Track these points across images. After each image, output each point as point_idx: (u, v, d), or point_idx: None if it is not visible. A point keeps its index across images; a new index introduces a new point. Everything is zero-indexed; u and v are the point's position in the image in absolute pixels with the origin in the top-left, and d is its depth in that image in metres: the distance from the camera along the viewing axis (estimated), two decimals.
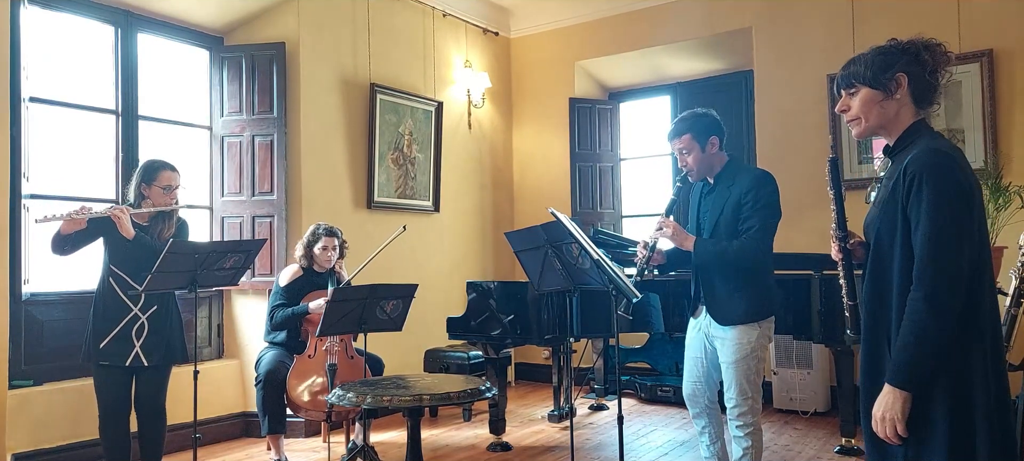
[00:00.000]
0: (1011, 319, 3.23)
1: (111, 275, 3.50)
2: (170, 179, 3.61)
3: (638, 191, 6.96)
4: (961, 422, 1.70)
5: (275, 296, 4.36)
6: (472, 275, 6.42)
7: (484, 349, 4.54)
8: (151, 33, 4.91)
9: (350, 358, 4.25)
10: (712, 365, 3.14)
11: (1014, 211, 4.23)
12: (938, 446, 1.71)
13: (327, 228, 4.39)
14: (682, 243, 3.03)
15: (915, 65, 1.85)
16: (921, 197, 1.72)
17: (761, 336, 3.00)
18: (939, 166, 1.73)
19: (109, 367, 3.48)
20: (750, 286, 2.97)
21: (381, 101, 5.69)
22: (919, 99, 1.87)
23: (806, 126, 5.59)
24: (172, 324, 3.63)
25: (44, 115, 4.37)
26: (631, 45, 6.48)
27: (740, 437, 3.04)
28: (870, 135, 1.94)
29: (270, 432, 4.15)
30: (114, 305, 3.48)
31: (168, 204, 3.60)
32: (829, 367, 5.18)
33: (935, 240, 1.69)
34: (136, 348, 3.48)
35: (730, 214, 2.97)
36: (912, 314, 1.71)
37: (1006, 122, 4.92)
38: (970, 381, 1.71)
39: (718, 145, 3.06)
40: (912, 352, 1.71)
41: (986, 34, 4.90)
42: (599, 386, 5.82)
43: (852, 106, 1.92)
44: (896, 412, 1.72)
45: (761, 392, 3.07)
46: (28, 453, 3.96)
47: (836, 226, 2.07)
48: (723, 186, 3.04)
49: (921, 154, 1.76)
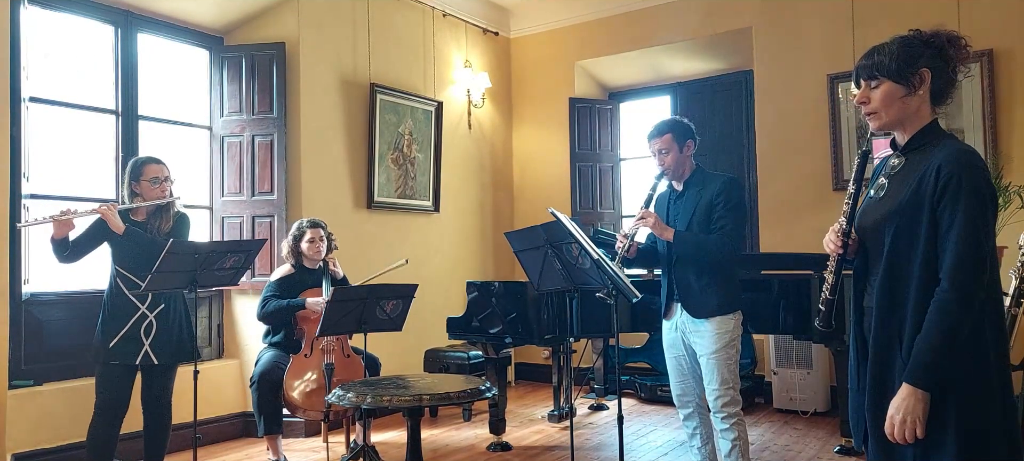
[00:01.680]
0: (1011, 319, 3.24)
1: (117, 275, 3.52)
2: (157, 171, 3.61)
3: (638, 191, 6.95)
4: (973, 423, 1.69)
5: (267, 289, 4.33)
6: (472, 275, 6.42)
7: (484, 349, 4.54)
8: (151, 33, 4.91)
9: (347, 357, 4.24)
10: (694, 361, 3.23)
11: (1014, 211, 4.23)
12: (949, 447, 1.69)
13: (310, 221, 4.38)
14: (662, 233, 3.18)
15: (940, 61, 1.81)
16: (959, 198, 1.69)
17: (736, 326, 3.15)
18: (975, 167, 1.71)
19: (117, 366, 3.49)
20: (722, 279, 3.14)
21: (381, 101, 5.69)
22: (937, 97, 1.84)
23: (806, 126, 5.59)
24: (181, 321, 3.65)
25: (44, 115, 4.37)
26: (631, 45, 6.48)
27: (726, 429, 3.13)
28: (887, 128, 1.89)
29: (267, 433, 4.15)
30: (122, 305, 3.50)
31: (161, 197, 3.60)
32: (829, 367, 5.18)
33: (973, 241, 1.67)
34: (145, 346, 3.50)
35: (702, 215, 3.15)
36: (943, 313, 1.68)
37: (1006, 122, 4.92)
38: (983, 381, 1.70)
39: (692, 150, 3.26)
40: (941, 352, 1.67)
41: (986, 34, 4.90)
42: (599, 386, 5.82)
43: (872, 99, 1.85)
44: (918, 413, 1.68)
45: (740, 384, 3.19)
46: (28, 453, 3.96)
47: (846, 220, 2.01)
48: (694, 190, 3.23)
49: (956, 155, 1.73)
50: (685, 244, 3.14)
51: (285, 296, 4.26)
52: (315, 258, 4.35)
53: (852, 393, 1.98)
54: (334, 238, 4.50)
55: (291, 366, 4.14)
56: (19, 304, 4.07)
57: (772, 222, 5.74)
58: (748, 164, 6.20)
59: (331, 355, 4.08)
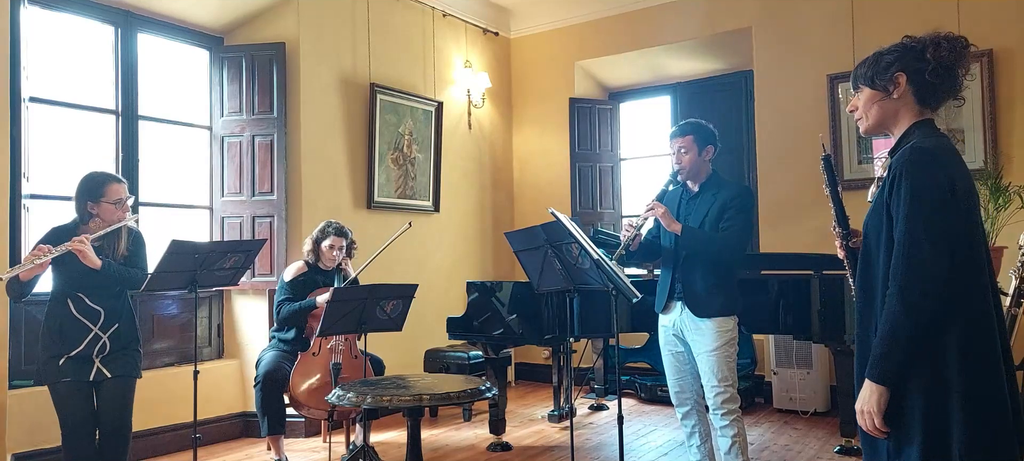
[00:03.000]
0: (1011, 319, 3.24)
1: (70, 298, 3.21)
2: (119, 192, 3.30)
3: (638, 191, 6.95)
4: (935, 416, 1.71)
5: (280, 291, 4.34)
6: (472, 275, 6.42)
7: (484, 349, 4.54)
8: (151, 33, 4.91)
9: (354, 357, 4.24)
10: (691, 358, 3.25)
11: (1014, 211, 4.22)
12: (914, 439, 1.73)
13: (338, 227, 4.38)
14: (669, 226, 3.21)
15: (916, 63, 1.84)
16: (899, 195, 1.74)
17: (734, 327, 3.19)
18: (917, 163, 1.74)
19: (70, 382, 3.19)
20: (726, 282, 3.18)
21: (381, 101, 5.69)
22: (922, 98, 1.87)
23: (806, 126, 5.58)
24: (132, 339, 3.36)
25: (44, 115, 4.37)
26: (631, 45, 6.49)
27: (726, 426, 3.15)
28: (875, 133, 1.97)
29: (270, 433, 4.15)
30: (73, 327, 3.20)
31: (120, 219, 3.29)
32: (829, 367, 5.18)
33: (908, 238, 1.71)
34: (97, 364, 3.22)
35: (714, 218, 3.19)
36: (887, 310, 1.74)
37: (1006, 122, 4.92)
38: (944, 376, 1.71)
39: (711, 155, 3.29)
40: (885, 347, 1.74)
41: (986, 34, 4.90)
42: (599, 386, 5.82)
43: (858, 105, 1.96)
44: (873, 405, 1.75)
45: (737, 383, 3.22)
46: (28, 453, 3.96)
47: (836, 223, 2.10)
48: (709, 194, 3.26)
49: (904, 152, 1.79)
50: (693, 239, 3.16)
51: (297, 297, 4.27)
52: (330, 264, 4.38)
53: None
54: (355, 248, 4.51)
55: (298, 364, 4.14)
56: (19, 304, 4.05)
57: (772, 222, 5.74)
58: (748, 164, 6.20)
59: (339, 355, 4.08)
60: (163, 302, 4.79)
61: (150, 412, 4.36)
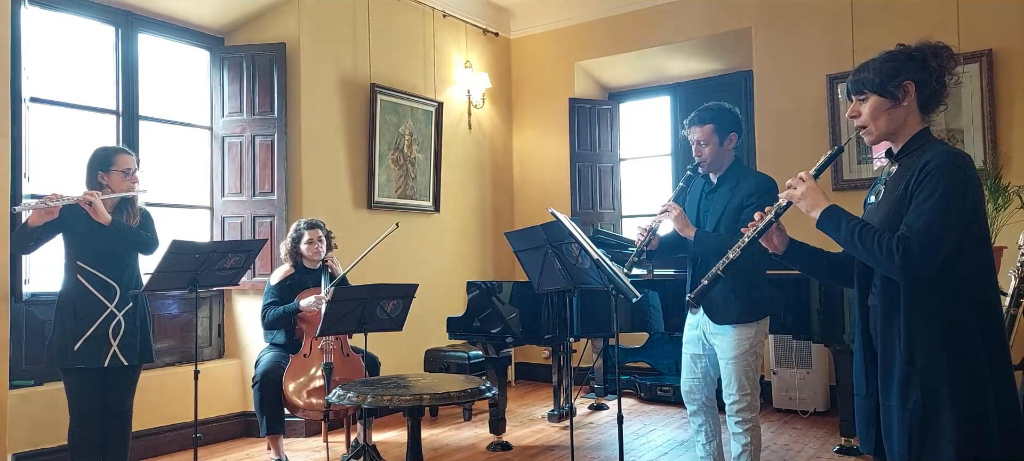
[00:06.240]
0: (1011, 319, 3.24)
1: (80, 272, 3.29)
2: (128, 162, 3.41)
3: (638, 191, 6.96)
4: (969, 427, 1.72)
5: (266, 295, 4.34)
6: (472, 275, 6.43)
7: (484, 349, 4.55)
8: (151, 33, 4.91)
9: (346, 356, 4.24)
10: (710, 362, 3.16)
11: (1014, 211, 4.23)
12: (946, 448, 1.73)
13: (308, 222, 4.38)
14: (683, 229, 3.04)
15: (923, 72, 1.87)
16: (928, 183, 1.76)
17: (759, 333, 3.03)
18: (958, 167, 1.78)
19: (84, 370, 3.26)
20: (745, 287, 2.98)
21: (381, 101, 5.70)
22: (925, 106, 1.90)
23: (805, 126, 5.59)
24: (144, 321, 3.47)
25: (44, 115, 4.37)
26: (631, 45, 6.49)
27: (739, 433, 3.05)
28: (879, 141, 1.97)
29: (269, 433, 4.15)
30: (87, 304, 3.27)
31: (130, 189, 3.40)
32: (828, 367, 5.18)
33: (930, 216, 1.74)
34: (113, 347, 3.29)
35: (732, 214, 2.99)
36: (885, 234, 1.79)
37: (1006, 122, 4.92)
38: (981, 390, 1.73)
39: (734, 143, 3.06)
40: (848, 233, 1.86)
41: (986, 34, 4.91)
42: (599, 386, 5.82)
43: (862, 113, 1.94)
44: (805, 191, 2.01)
45: (759, 389, 3.09)
46: (28, 453, 3.96)
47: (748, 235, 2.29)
48: (727, 187, 3.06)
49: (944, 154, 1.81)
50: (705, 244, 2.98)
51: (284, 298, 4.27)
52: (314, 259, 4.35)
53: (859, 399, 2.00)
54: (333, 237, 4.49)
55: (290, 366, 4.14)
56: (20, 304, 4.07)
57: None
58: (748, 164, 6.19)
59: (330, 355, 4.08)
60: (164, 302, 4.79)
61: (151, 412, 4.37)
